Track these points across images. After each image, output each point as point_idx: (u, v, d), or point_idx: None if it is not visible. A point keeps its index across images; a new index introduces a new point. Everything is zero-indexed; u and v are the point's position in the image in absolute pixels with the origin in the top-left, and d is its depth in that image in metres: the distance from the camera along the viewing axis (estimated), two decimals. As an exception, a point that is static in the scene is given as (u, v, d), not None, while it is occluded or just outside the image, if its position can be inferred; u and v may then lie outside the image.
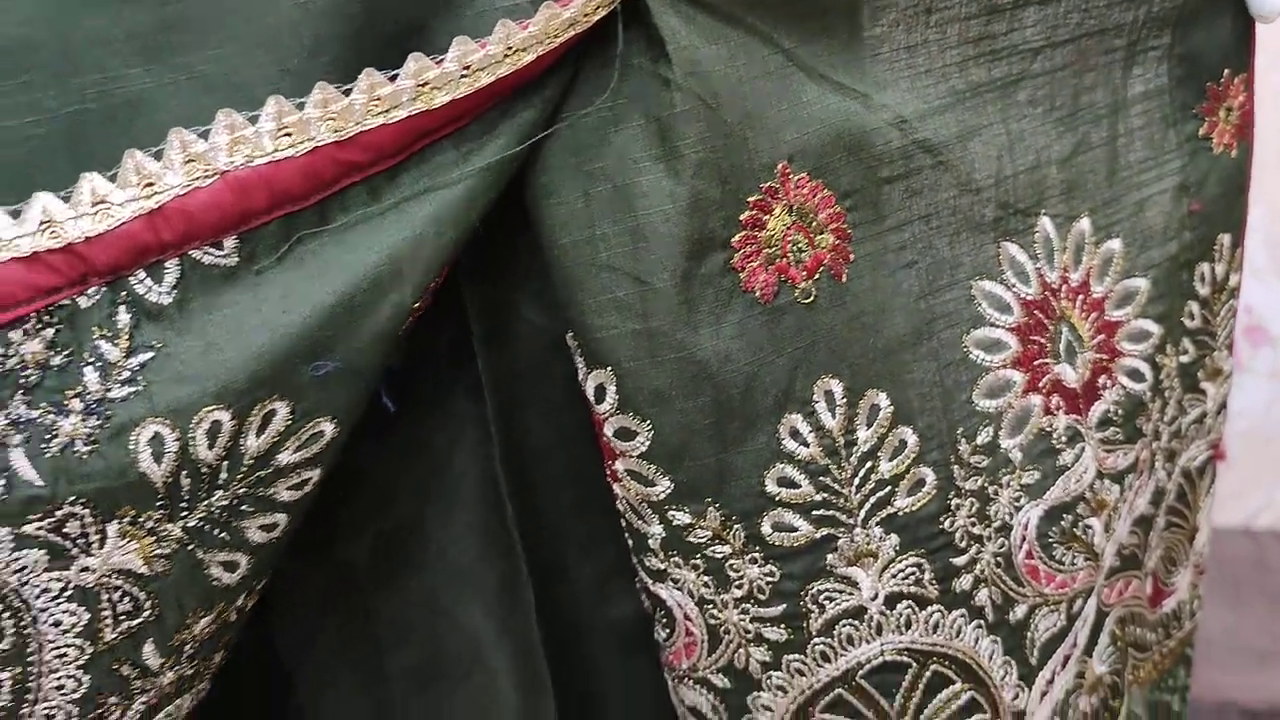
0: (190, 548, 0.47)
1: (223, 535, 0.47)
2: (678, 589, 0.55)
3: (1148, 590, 0.67)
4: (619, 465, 0.54)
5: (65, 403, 0.44)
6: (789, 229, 0.51)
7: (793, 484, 0.53)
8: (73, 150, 0.43)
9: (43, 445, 0.44)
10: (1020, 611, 0.57)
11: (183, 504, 0.46)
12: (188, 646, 0.49)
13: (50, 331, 0.44)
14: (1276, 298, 1.45)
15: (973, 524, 0.55)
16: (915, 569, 0.54)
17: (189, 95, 0.44)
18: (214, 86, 0.44)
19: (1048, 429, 0.57)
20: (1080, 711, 0.62)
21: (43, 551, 0.44)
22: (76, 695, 0.47)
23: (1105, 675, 0.63)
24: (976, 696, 0.56)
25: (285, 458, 0.47)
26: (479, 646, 0.63)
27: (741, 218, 0.50)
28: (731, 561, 0.54)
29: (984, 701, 0.57)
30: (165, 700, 0.50)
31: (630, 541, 0.57)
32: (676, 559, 0.55)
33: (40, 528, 0.44)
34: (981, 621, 0.56)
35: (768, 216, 0.51)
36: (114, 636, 0.47)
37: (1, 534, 0.44)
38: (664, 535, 0.54)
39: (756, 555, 0.54)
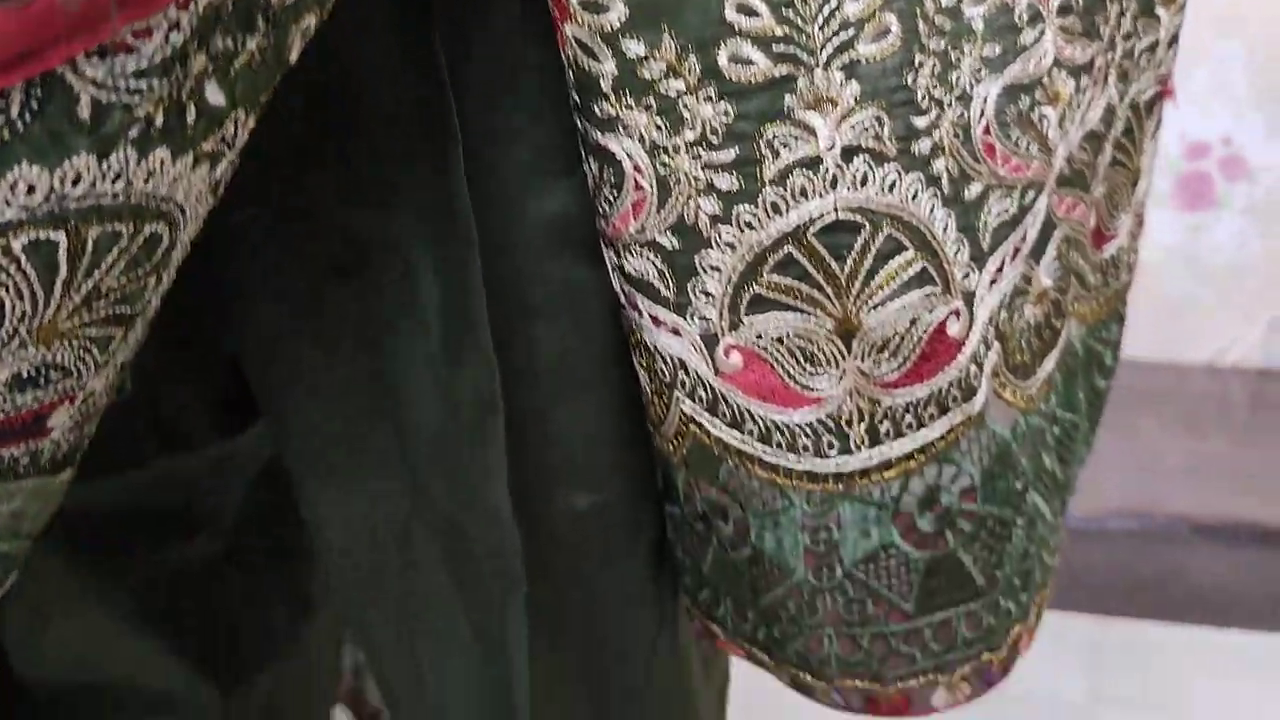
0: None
1: None
2: (628, 136, 0.53)
3: (1091, 224, 0.66)
4: (571, -3, 0.51)
5: (254, 21, 0.41)
6: None
7: (753, 12, 0.50)
8: None
9: (230, 68, 0.41)
10: (975, 190, 0.55)
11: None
12: None
13: None
14: (1257, 129, 1.39)
15: (934, 86, 0.53)
16: (875, 122, 0.52)
17: None
18: None
19: (1010, 4, 0.55)
20: (1026, 319, 0.61)
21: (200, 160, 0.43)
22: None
23: (1050, 290, 0.62)
24: (928, 268, 0.55)
25: None
26: (398, 236, 0.60)
27: None
28: (685, 99, 0.51)
29: (935, 274, 0.55)
30: None
31: (578, 97, 0.54)
32: (629, 100, 0.52)
33: (210, 142, 0.42)
34: (937, 191, 0.54)
35: None
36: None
37: (187, 160, 0.41)
38: (616, 73, 0.52)
39: (711, 92, 0.51)
